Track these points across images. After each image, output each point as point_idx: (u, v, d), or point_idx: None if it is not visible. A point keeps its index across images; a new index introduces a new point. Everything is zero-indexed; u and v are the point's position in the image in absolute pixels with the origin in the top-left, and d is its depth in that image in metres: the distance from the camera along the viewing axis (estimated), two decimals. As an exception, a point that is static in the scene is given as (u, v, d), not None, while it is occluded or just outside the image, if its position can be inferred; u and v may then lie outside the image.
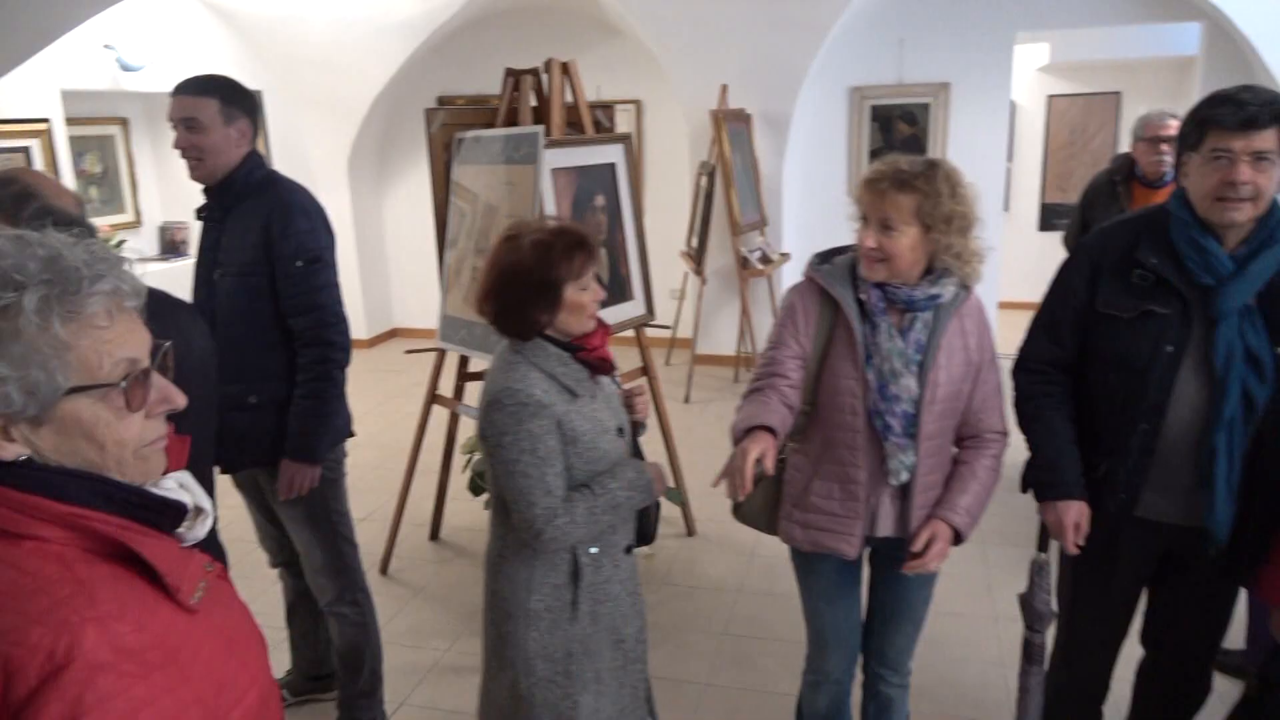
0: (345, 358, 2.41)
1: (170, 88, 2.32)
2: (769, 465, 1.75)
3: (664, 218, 6.90)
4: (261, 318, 2.33)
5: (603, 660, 1.92)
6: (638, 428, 2.05)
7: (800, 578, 2.18)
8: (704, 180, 5.89)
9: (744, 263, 5.84)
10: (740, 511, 2.16)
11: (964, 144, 6.43)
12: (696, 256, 6.09)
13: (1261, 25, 5.09)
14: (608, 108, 6.90)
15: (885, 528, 1.99)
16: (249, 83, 2.48)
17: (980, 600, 3.48)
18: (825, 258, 2.03)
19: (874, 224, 1.84)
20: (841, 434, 1.94)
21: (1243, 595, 2.41)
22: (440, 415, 3.99)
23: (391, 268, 7.96)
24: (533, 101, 3.63)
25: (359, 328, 7.57)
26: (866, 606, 2.22)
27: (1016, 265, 7.08)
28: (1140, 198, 3.63)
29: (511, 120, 3.61)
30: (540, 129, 3.29)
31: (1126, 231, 1.90)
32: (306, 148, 7.18)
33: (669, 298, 6.80)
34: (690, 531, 4.11)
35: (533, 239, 1.77)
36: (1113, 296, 1.86)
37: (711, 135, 5.70)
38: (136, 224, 6.68)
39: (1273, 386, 1.75)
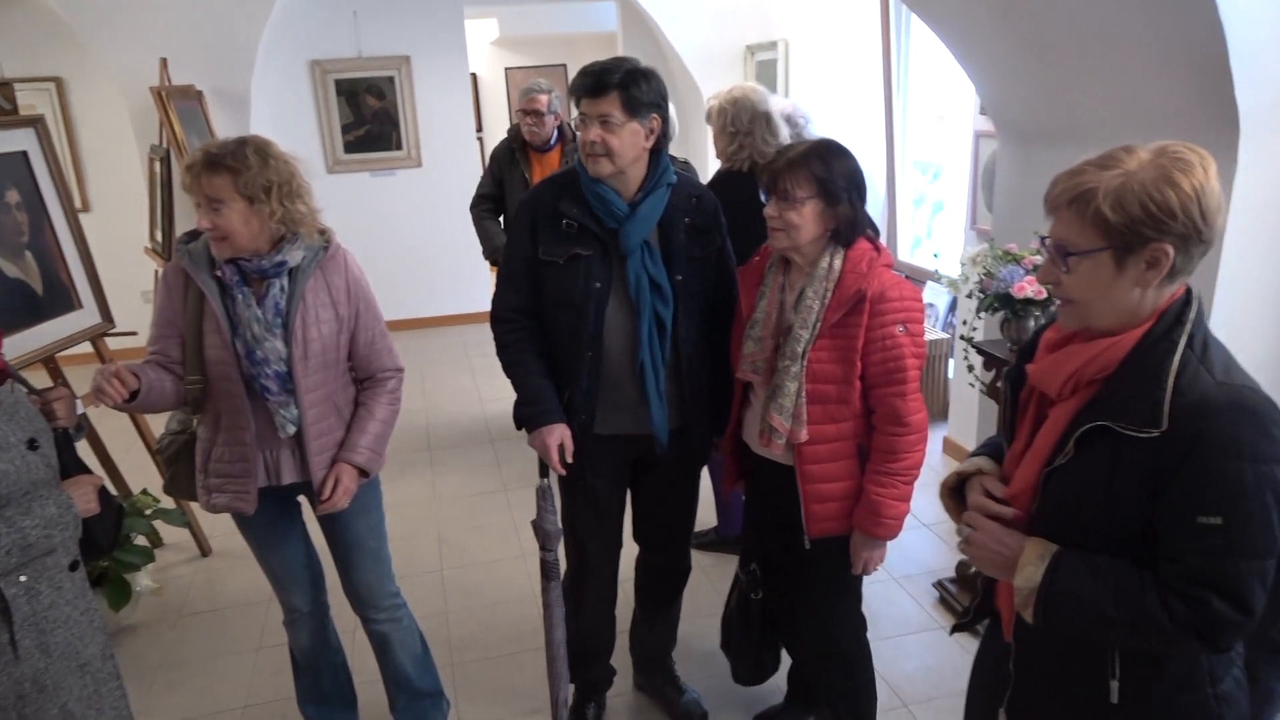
0: None
1: None
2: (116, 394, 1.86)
3: (119, 211, 6.09)
4: None
5: (69, 692, 1.74)
6: (68, 435, 1.83)
7: (243, 535, 2.28)
8: (158, 166, 5.25)
9: (222, 253, 5.37)
10: (172, 487, 2.24)
11: (433, 116, 6.62)
12: (164, 251, 5.44)
13: (659, 2, 5.98)
14: (6, 86, 5.80)
15: (290, 475, 2.14)
16: None
17: (508, 543, 3.72)
18: (192, 236, 2.08)
19: (205, 206, 1.93)
20: (228, 401, 2.06)
21: (707, 482, 2.91)
22: None
23: None
24: (-111, 80, 2.91)
25: None
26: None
27: (502, 228, 7.51)
28: (535, 160, 4.18)
29: None
30: (-96, 114, 2.65)
31: (552, 188, 2.14)
32: None
33: (141, 301, 6.03)
34: (205, 551, 3.74)
35: None
36: (549, 245, 2.10)
37: (158, 116, 5.10)
38: None
39: (674, 307, 2.11)
